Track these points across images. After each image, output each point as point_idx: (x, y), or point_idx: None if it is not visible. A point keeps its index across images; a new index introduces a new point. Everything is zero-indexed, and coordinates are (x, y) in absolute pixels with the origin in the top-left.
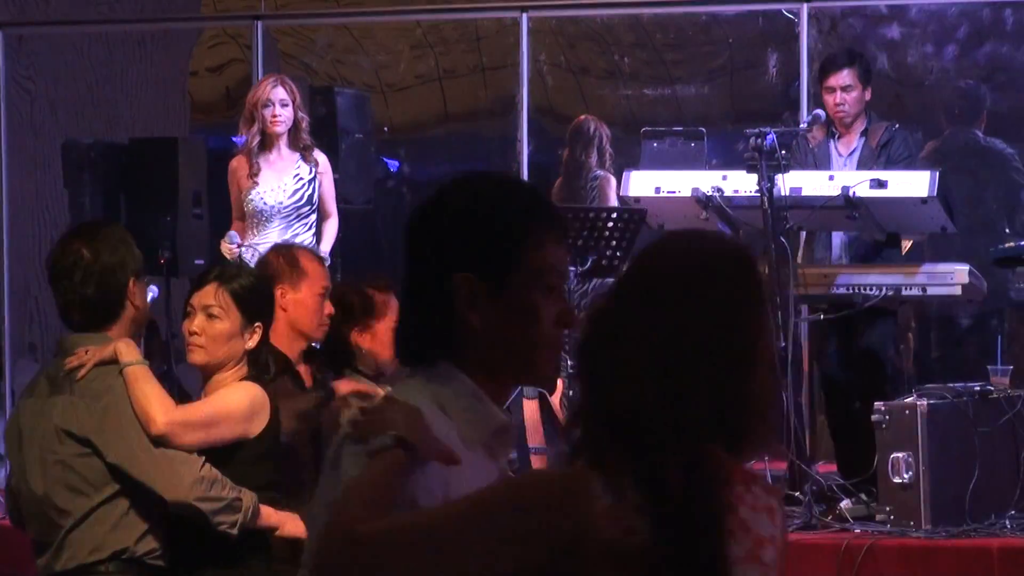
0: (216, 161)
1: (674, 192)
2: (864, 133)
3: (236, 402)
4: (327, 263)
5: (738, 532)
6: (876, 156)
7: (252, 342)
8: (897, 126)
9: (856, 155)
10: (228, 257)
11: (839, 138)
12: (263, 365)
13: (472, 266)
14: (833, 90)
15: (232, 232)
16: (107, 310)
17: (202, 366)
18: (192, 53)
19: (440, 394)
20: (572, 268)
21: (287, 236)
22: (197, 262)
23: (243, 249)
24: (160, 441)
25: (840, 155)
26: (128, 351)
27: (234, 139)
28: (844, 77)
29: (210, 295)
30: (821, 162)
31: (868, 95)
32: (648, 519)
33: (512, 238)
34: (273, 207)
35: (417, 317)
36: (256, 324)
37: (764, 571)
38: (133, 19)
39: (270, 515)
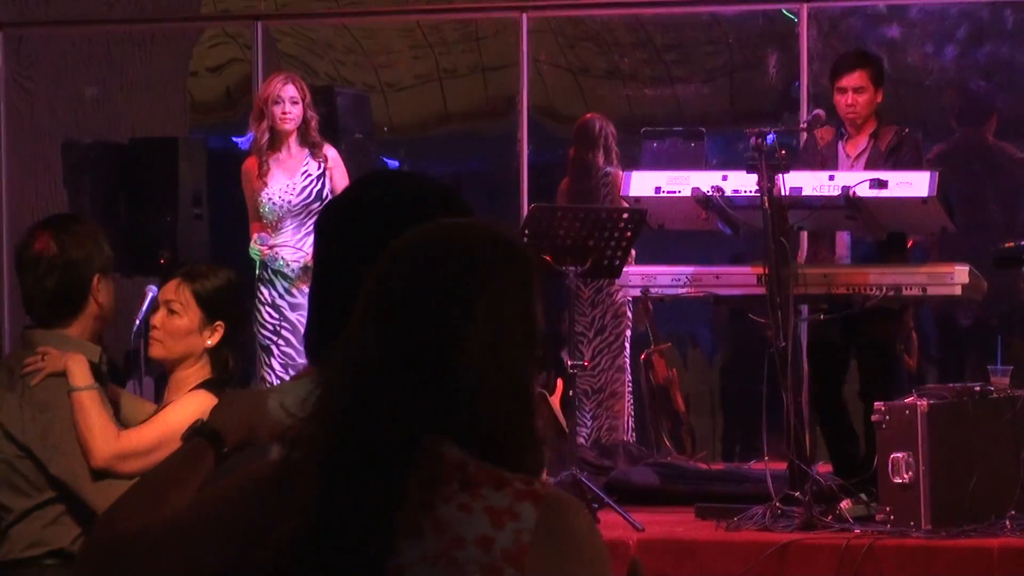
0: (216, 161)
1: (674, 192)
2: (873, 135)
3: (181, 420)
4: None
5: (427, 530)
6: (885, 159)
7: (212, 340)
8: (907, 131)
9: (864, 157)
10: (262, 258)
11: (848, 139)
12: (223, 364)
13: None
14: (845, 91)
15: (263, 235)
16: (68, 305)
17: (160, 360)
18: (192, 53)
19: None
20: (572, 268)
21: (300, 235)
22: (197, 262)
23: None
24: (101, 473)
25: (848, 156)
26: (79, 373)
27: (234, 139)
28: (856, 78)
29: (171, 290)
30: (829, 162)
31: (880, 97)
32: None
33: None
34: (283, 206)
35: (325, 313)
36: (217, 323)
37: (458, 571)
38: (133, 19)
39: None
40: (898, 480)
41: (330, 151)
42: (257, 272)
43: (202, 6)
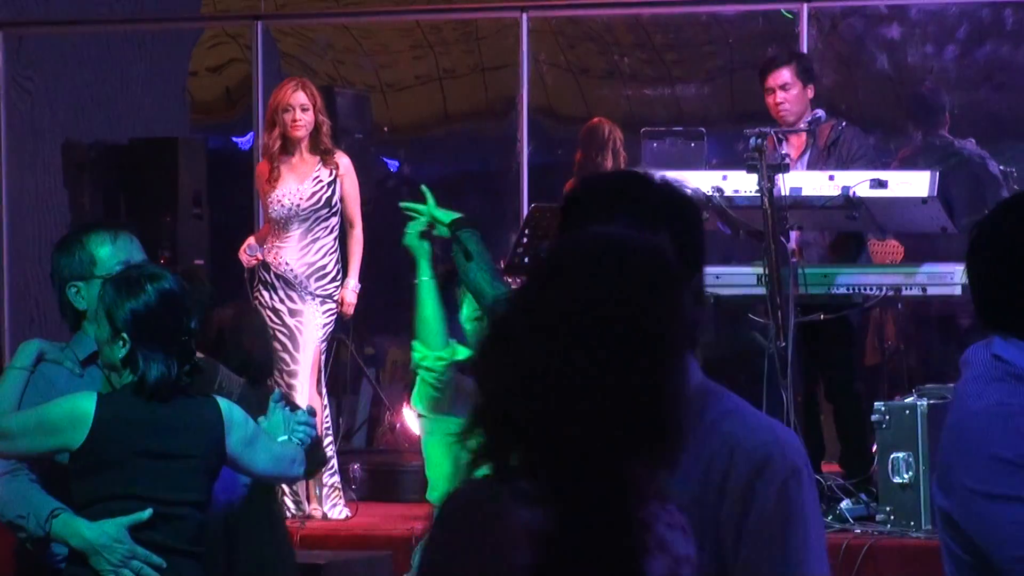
0: (216, 161)
1: None
2: (811, 134)
3: (46, 412)
4: (357, 290)
5: (656, 551)
6: (826, 158)
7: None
8: (844, 124)
9: (805, 157)
10: (245, 265)
11: (788, 140)
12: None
13: None
14: (772, 90)
15: (253, 244)
16: (67, 317)
17: None
18: (192, 53)
19: None
20: None
21: (307, 240)
22: (196, 262)
23: (260, 256)
24: None
25: (791, 158)
26: (20, 353)
27: (234, 139)
28: (781, 76)
29: None
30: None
31: (811, 93)
32: (561, 535)
33: None
34: (290, 210)
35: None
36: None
37: None
38: (133, 19)
39: (74, 530)
40: (898, 480)
41: (342, 159)
42: (257, 275)
43: (202, 6)
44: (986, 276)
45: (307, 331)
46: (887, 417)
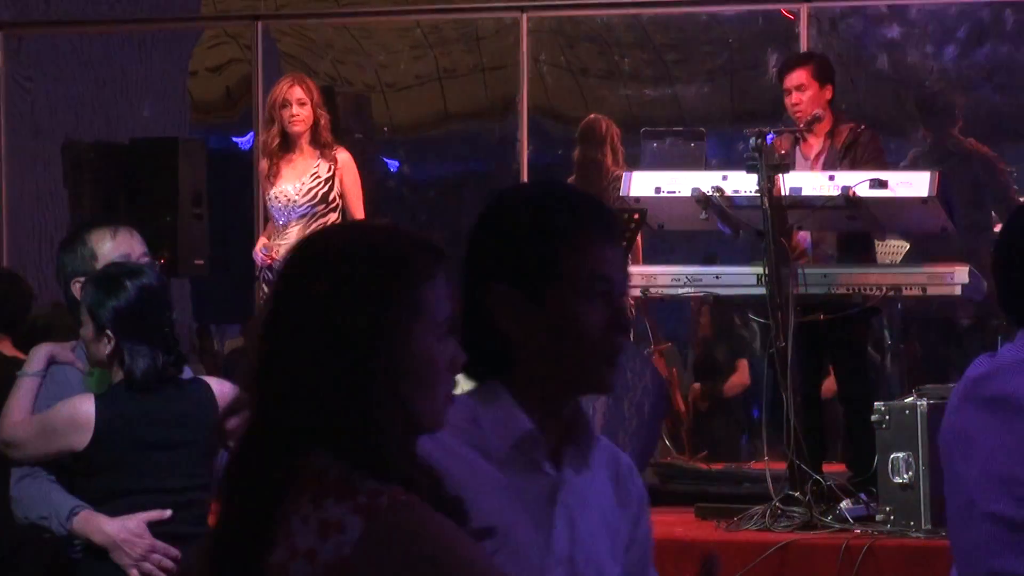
0: (216, 161)
1: (674, 192)
2: (829, 134)
3: (48, 418)
4: None
5: (283, 540)
6: (840, 158)
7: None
8: (863, 127)
9: (822, 157)
10: (259, 265)
11: (804, 141)
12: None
13: (509, 276)
14: (789, 92)
15: (267, 244)
16: (72, 312)
17: None
18: (192, 53)
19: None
20: None
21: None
22: (196, 262)
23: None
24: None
25: (806, 158)
26: (30, 360)
27: (234, 139)
28: (797, 77)
29: None
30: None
31: (828, 94)
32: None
33: (550, 245)
34: (287, 207)
35: (467, 333)
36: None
37: None
38: (133, 19)
39: (96, 526)
40: (898, 480)
41: (341, 154)
42: (261, 273)
43: (202, 6)
44: (1014, 271)
45: None
46: (887, 417)
